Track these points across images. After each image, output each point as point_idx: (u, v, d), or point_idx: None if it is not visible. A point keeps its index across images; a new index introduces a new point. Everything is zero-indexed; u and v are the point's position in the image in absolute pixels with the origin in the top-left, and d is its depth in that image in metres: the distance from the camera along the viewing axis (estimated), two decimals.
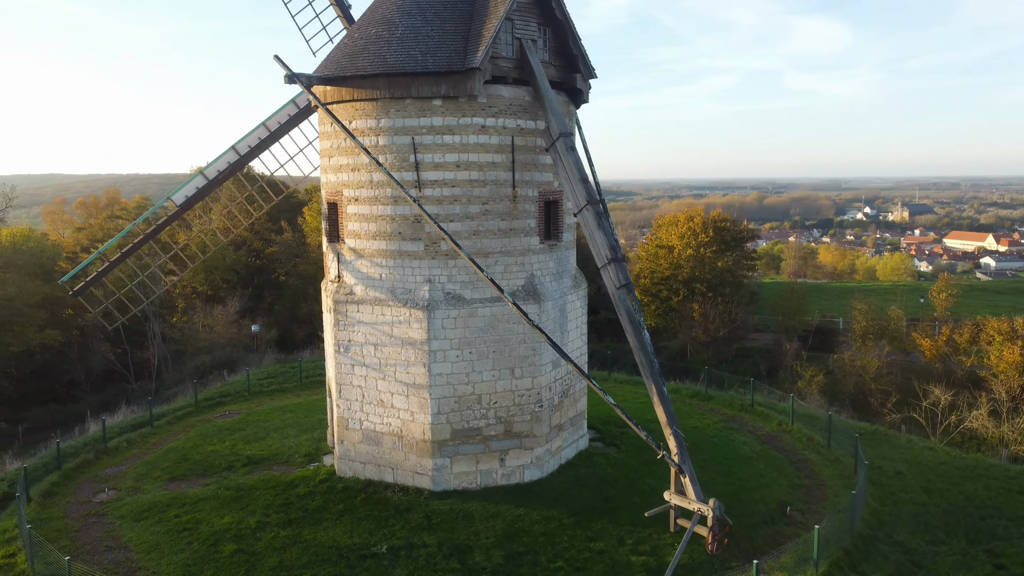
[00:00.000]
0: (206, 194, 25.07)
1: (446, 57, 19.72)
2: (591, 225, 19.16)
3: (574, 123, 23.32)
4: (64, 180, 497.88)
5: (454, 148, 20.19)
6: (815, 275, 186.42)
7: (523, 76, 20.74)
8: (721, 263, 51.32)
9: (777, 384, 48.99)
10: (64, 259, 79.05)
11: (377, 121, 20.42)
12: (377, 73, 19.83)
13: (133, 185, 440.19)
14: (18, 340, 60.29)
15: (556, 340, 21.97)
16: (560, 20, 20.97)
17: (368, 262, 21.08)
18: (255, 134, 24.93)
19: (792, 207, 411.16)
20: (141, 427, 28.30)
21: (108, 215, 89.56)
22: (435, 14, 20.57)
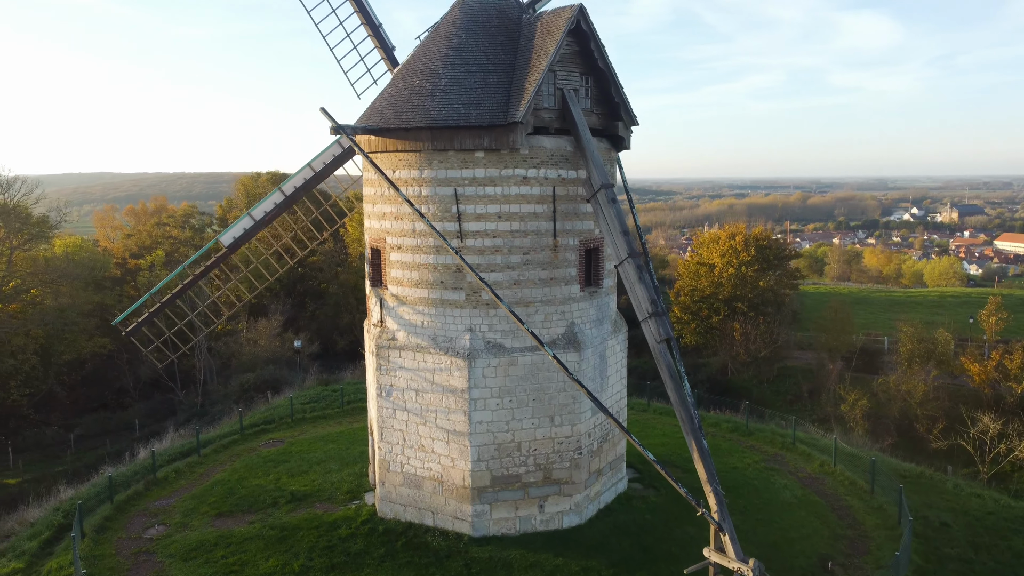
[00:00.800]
0: (253, 235, 25.60)
1: (489, 110, 19.89)
2: (632, 278, 19.17)
3: (615, 168, 23.34)
4: (113, 179, 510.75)
5: (496, 199, 20.37)
6: (860, 279, 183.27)
7: (565, 126, 20.82)
8: (763, 282, 50.75)
9: (819, 407, 48.41)
10: (114, 265, 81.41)
11: (420, 172, 20.68)
12: (421, 126, 20.08)
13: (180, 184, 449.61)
14: (70, 349, 62.15)
15: (596, 386, 22.08)
16: (602, 69, 20.99)
17: (410, 309, 21.37)
18: (301, 175, 25.39)
19: (837, 207, 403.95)
20: (188, 455, 29.05)
21: (156, 222, 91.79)
22: (478, 66, 20.74)
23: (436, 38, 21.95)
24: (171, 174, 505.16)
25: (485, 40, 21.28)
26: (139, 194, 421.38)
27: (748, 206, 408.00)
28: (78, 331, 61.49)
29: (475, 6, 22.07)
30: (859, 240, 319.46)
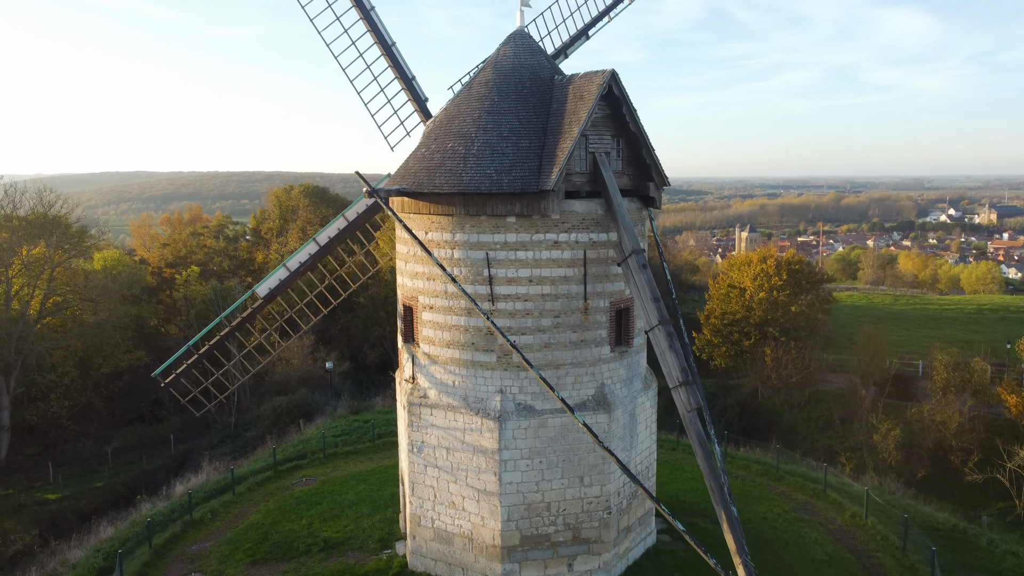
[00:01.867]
0: (288, 285, 26.02)
1: (521, 177, 20.04)
2: (662, 345, 19.22)
3: (646, 225, 23.38)
4: (149, 178, 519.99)
5: (527, 263, 20.53)
6: (894, 284, 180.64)
7: (596, 188, 20.92)
8: (795, 307, 50.30)
9: (851, 435, 47.93)
10: (150, 274, 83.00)
11: (452, 235, 20.91)
12: (454, 192, 20.31)
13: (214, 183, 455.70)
14: (108, 361, 63.44)
15: (625, 445, 22.19)
16: (634, 132, 21.05)
17: (442, 368, 21.63)
18: (335, 225, 25.78)
19: (871, 208, 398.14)
20: (223, 492, 29.62)
21: (191, 231, 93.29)
22: (510, 130, 20.91)
23: (469, 98, 22.16)
24: (205, 173, 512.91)
25: (518, 102, 21.43)
26: (174, 193, 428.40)
27: (780, 206, 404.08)
28: (116, 344, 62.80)
29: (508, 67, 22.23)
30: (894, 242, 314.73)
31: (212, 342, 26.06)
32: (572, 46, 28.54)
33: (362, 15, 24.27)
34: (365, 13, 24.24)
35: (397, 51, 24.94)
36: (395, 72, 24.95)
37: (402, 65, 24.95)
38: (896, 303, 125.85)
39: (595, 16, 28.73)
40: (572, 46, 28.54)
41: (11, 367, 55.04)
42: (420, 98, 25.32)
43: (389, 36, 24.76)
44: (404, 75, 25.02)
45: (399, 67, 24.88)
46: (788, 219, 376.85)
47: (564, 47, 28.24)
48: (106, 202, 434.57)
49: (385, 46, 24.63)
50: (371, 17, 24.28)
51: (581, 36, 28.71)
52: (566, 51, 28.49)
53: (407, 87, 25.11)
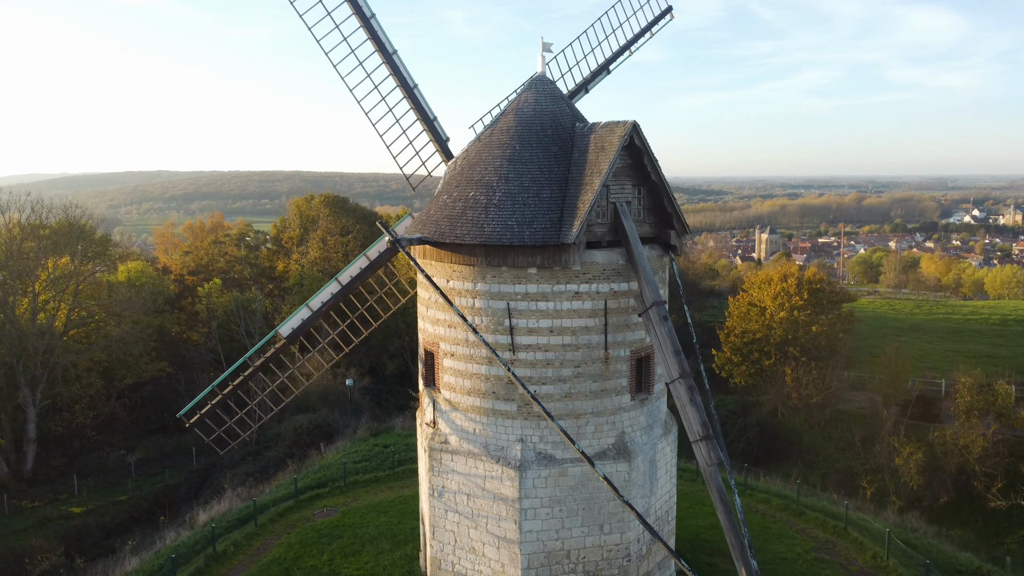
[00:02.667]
0: (310, 324, 26.25)
1: (542, 229, 20.11)
2: (683, 398, 19.23)
3: (667, 271, 23.36)
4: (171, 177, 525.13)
5: (548, 314, 20.60)
6: (917, 288, 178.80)
7: (617, 238, 20.94)
8: (816, 327, 49.98)
9: (872, 458, 47.57)
10: (172, 281, 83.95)
11: (474, 284, 21.02)
12: (475, 243, 20.41)
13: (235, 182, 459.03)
14: (132, 372, 64.25)
15: (645, 492, 22.21)
16: (655, 181, 21.05)
17: (462, 415, 21.76)
18: (356, 264, 25.96)
19: (893, 208, 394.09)
20: (246, 522, 29.96)
21: (213, 239, 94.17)
22: (531, 180, 20.98)
23: (491, 145, 22.25)
24: (226, 172, 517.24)
25: (539, 151, 21.49)
26: (195, 193, 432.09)
27: (801, 207, 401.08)
28: (139, 354, 63.59)
29: (530, 114, 22.30)
30: (916, 243, 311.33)
31: (236, 382, 26.33)
32: (593, 81, 28.57)
33: (384, 59, 24.39)
34: (387, 57, 24.36)
35: (419, 93, 25.06)
36: (417, 114, 25.07)
37: (424, 107, 25.07)
38: (919, 310, 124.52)
39: (615, 51, 28.75)
40: (593, 81, 28.57)
41: (37, 381, 55.92)
42: (441, 138, 25.42)
43: (411, 78, 24.87)
44: (426, 116, 25.13)
45: (421, 109, 25.00)
46: (809, 219, 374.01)
47: (585, 82, 28.27)
48: (128, 201, 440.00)
49: (407, 88, 24.75)
50: (393, 61, 24.41)
51: (602, 71, 28.73)
52: (587, 86, 28.52)
53: (429, 128, 25.22)
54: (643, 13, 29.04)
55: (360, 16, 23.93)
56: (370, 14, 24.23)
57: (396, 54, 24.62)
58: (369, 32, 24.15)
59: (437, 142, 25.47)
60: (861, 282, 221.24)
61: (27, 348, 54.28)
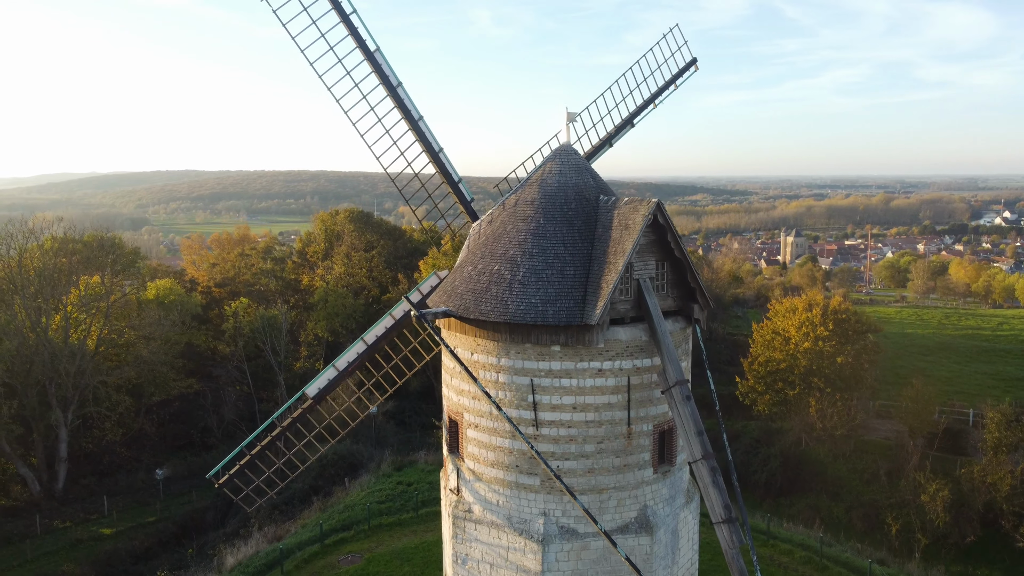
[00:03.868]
0: (337, 385, 26.60)
1: (566, 308, 20.26)
2: (705, 480, 19.31)
3: (689, 342, 23.41)
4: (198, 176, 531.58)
5: (571, 391, 20.76)
6: (945, 294, 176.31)
7: (640, 313, 21.04)
8: (840, 359, 49.63)
9: (898, 493, 47.22)
10: (200, 293, 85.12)
11: (498, 359, 21.22)
12: (499, 321, 20.61)
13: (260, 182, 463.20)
14: (160, 390, 65.31)
15: (667, 563, 22.31)
16: (678, 257, 21.12)
17: (486, 486, 21.98)
18: (382, 324, 26.27)
19: (922, 209, 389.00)
20: (272, 567, 30.46)
21: (239, 252, 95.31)
22: (556, 256, 21.13)
23: (515, 217, 22.42)
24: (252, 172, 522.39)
25: (563, 226, 21.64)
26: (222, 192, 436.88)
27: (827, 208, 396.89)
28: (167, 371, 64.62)
29: (554, 186, 22.45)
30: (945, 246, 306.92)
31: (264, 443, 26.76)
32: (617, 135, 28.70)
33: (411, 126, 24.67)
34: (413, 124, 24.63)
35: (445, 157, 25.33)
36: (443, 177, 25.34)
37: (449, 171, 25.33)
38: (947, 320, 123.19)
39: (640, 105, 28.84)
40: (617, 135, 28.70)
41: (69, 401, 57.06)
42: (466, 199, 25.68)
43: (437, 143, 25.14)
44: (450, 179, 25.39)
45: (446, 172, 25.26)
46: (835, 221, 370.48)
47: (609, 137, 28.41)
48: (156, 200, 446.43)
49: (433, 153, 25.02)
50: (419, 128, 24.68)
51: (626, 125, 28.86)
52: (611, 140, 28.64)
53: (454, 190, 25.48)
54: (667, 67, 29.08)
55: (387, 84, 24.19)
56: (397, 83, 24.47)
57: (422, 120, 24.88)
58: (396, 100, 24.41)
59: (462, 203, 25.72)
60: (888, 286, 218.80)
61: (59, 370, 55.39)
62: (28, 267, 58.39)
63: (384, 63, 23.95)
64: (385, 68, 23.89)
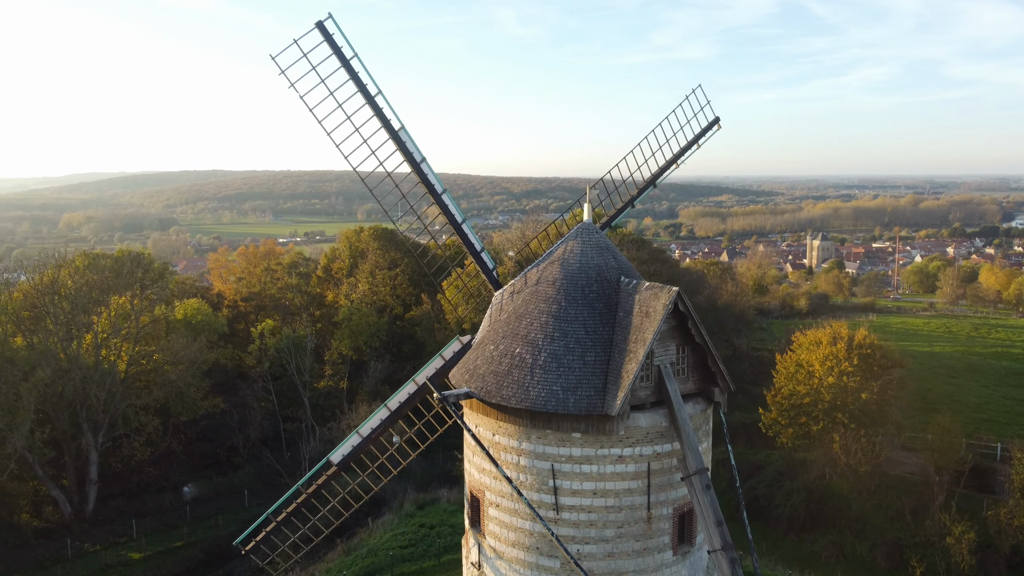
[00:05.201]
0: (361, 451, 26.93)
1: (586, 397, 20.43)
2: (725, 571, 19.41)
3: (710, 423, 23.47)
4: (225, 176, 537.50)
5: (591, 477, 20.92)
6: (975, 301, 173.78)
7: (660, 398, 21.15)
8: (865, 395, 49.22)
9: (923, 533, 46.74)
10: (226, 307, 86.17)
11: (519, 443, 21.44)
12: (521, 408, 20.82)
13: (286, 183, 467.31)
14: (187, 409, 66.31)
15: None
16: (699, 343, 21.18)
17: (507, 565, 22.22)
18: (405, 390, 26.58)
19: (952, 211, 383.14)
20: None
21: (264, 267, 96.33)
22: (576, 341, 21.28)
23: (536, 297, 22.61)
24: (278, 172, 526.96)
25: (584, 309, 21.79)
26: (248, 193, 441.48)
27: (855, 210, 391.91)
28: (194, 391, 65.58)
29: (575, 267, 22.60)
30: (976, 249, 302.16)
31: (289, 509, 27.19)
32: (639, 196, 28.81)
33: (435, 199, 24.94)
34: (437, 197, 24.91)
35: (468, 227, 25.58)
36: (466, 247, 25.58)
37: (472, 240, 25.56)
38: (976, 334, 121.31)
39: (662, 167, 28.90)
40: (639, 196, 28.81)
41: (99, 425, 58.14)
42: (488, 268, 25.92)
43: (460, 214, 25.39)
44: (473, 249, 25.63)
45: (469, 243, 25.50)
46: (863, 223, 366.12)
47: (632, 199, 28.55)
48: (184, 200, 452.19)
49: (456, 224, 25.27)
50: (442, 201, 24.95)
51: (648, 186, 28.97)
52: (633, 203, 28.75)
53: (476, 259, 25.73)
54: (691, 127, 29.12)
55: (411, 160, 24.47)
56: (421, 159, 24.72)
57: (446, 193, 25.12)
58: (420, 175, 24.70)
59: (485, 271, 25.97)
60: (916, 292, 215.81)
61: (90, 395, 56.48)
62: (62, 286, 59.46)
63: (408, 140, 24.23)
64: (409, 145, 24.16)
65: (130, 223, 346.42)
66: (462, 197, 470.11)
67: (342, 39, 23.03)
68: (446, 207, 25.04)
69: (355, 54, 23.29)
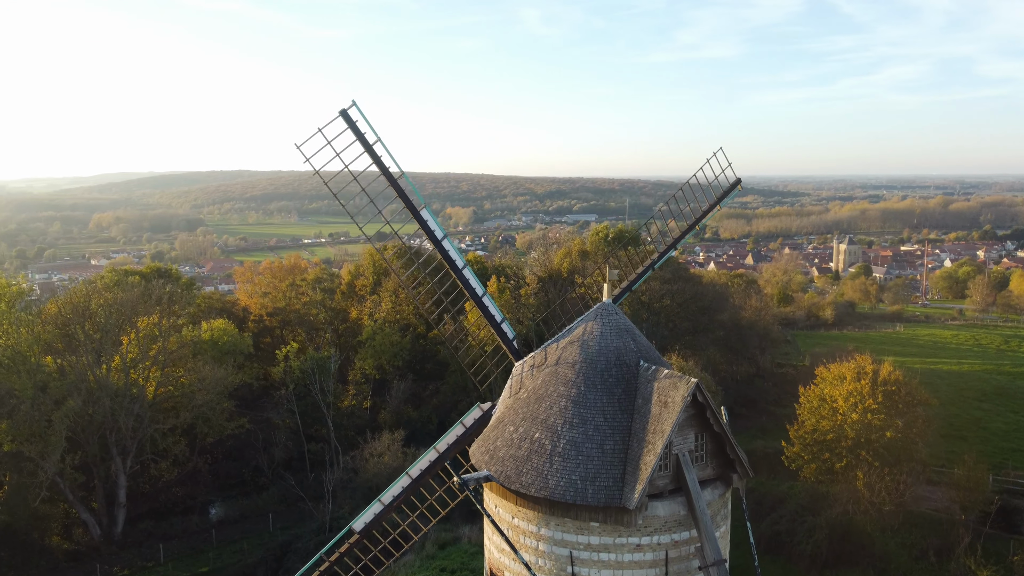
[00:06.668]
0: (383, 518, 27.22)
1: (605, 488, 20.58)
2: None
3: (728, 506, 23.50)
4: (252, 176, 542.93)
5: (609, 564, 21.08)
6: (1005, 310, 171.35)
7: (678, 486, 21.23)
8: (890, 433, 48.77)
9: (947, 573, 46.34)
10: (252, 323, 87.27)
11: (538, 528, 21.65)
12: (540, 496, 21.02)
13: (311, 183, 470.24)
14: (214, 431, 67.26)
15: None
16: (717, 432, 21.24)
17: None
18: (427, 457, 26.86)
19: (982, 213, 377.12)
20: None
21: (289, 283, 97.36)
22: (595, 428, 21.43)
23: (556, 379, 22.77)
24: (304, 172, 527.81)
25: (603, 394, 21.92)
26: (274, 193, 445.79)
27: (882, 211, 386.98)
28: (220, 411, 66.50)
29: (594, 350, 22.74)
30: (1007, 252, 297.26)
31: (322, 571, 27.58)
32: (659, 260, 28.84)
33: (456, 275, 25.18)
34: (458, 273, 25.15)
35: (489, 299, 25.78)
36: (487, 319, 25.79)
37: (493, 313, 25.77)
38: (1007, 347, 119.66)
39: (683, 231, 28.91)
40: (659, 260, 28.84)
41: (128, 450, 59.21)
42: (508, 339, 26.10)
43: (481, 287, 25.62)
44: (493, 320, 25.83)
45: (489, 315, 25.71)
46: (891, 225, 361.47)
47: (652, 264, 28.57)
48: (211, 201, 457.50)
49: (476, 297, 25.49)
50: (463, 276, 25.19)
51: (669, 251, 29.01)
52: (654, 266, 28.78)
53: (497, 331, 25.92)
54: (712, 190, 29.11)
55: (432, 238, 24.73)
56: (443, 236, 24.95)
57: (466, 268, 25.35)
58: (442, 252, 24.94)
59: (504, 343, 26.17)
60: (945, 298, 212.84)
61: (119, 421, 57.52)
62: (92, 314, 60.46)
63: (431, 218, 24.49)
64: (431, 223, 24.44)
65: (158, 224, 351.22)
66: (486, 198, 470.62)
67: (365, 125, 23.38)
68: (467, 282, 25.28)
69: (378, 138, 23.62)
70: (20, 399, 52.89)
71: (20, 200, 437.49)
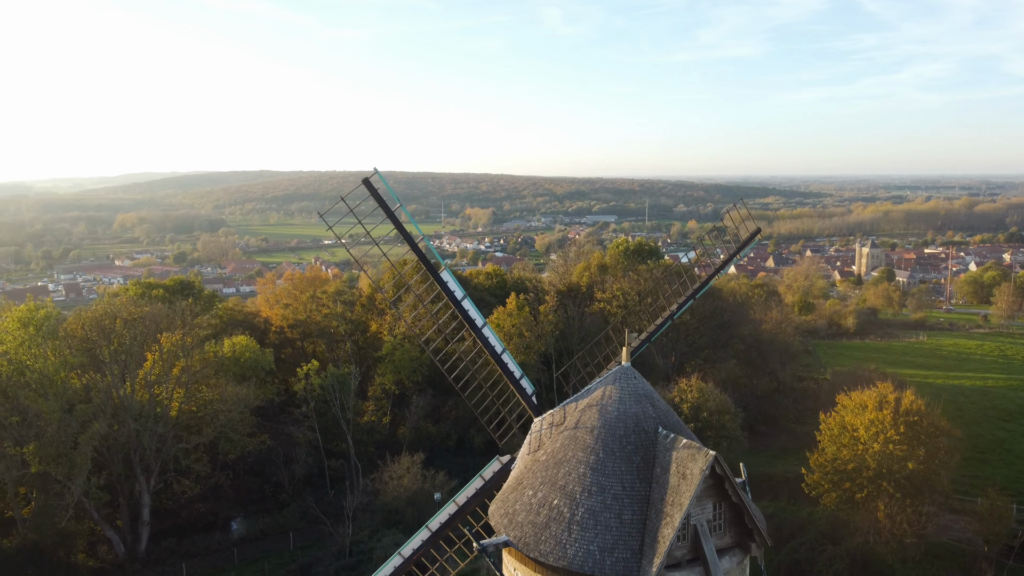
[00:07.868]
0: (402, 572, 27.48)
1: (623, 560, 20.68)
2: None
3: (747, 572, 23.52)
4: (272, 177, 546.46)
5: None
6: None
7: (697, 555, 21.29)
8: (912, 464, 48.36)
9: None
10: (273, 334, 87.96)
11: None
12: (559, 566, 21.17)
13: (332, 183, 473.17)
14: (235, 447, 67.93)
15: None
16: (735, 502, 21.26)
17: None
18: (446, 511, 27.11)
19: (1009, 214, 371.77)
20: None
21: (310, 295, 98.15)
22: (614, 497, 21.54)
23: (575, 444, 22.90)
24: (324, 172, 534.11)
25: (622, 462, 22.01)
26: (295, 194, 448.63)
27: (906, 213, 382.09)
28: (242, 428, 67.16)
29: (613, 415, 22.83)
30: None
31: None
32: (679, 311, 28.81)
33: (475, 333, 25.37)
34: (477, 332, 25.34)
35: (508, 356, 25.94)
36: (505, 376, 25.96)
37: (512, 370, 25.94)
38: None
39: (704, 281, 28.90)
40: (679, 311, 28.81)
41: (151, 469, 60.01)
42: (527, 395, 26.27)
43: (501, 344, 25.79)
44: (512, 377, 26.00)
45: (508, 372, 25.88)
46: (914, 226, 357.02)
47: (672, 315, 28.57)
48: (232, 201, 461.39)
49: (496, 355, 25.67)
50: (482, 335, 25.37)
51: (689, 300, 28.97)
52: (673, 316, 28.79)
53: (516, 387, 26.08)
54: (731, 242, 29.09)
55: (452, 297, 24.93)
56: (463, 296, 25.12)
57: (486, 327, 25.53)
58: (460, 311, 25.13)
59: (523, 398, 26.32)
60: (970, 303, 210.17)
61: (143, 443, 58.31)
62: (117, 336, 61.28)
63: (451, 279, 24.68)
64: (451, 284, 24.63)
65: (181, 224, 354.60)
66: (505, 199, 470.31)
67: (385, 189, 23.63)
68: (486, 340, 25.47)
69: (400, 204, 23.84)
70: (47, 421, 53.79)
71: (46, 200, 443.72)
